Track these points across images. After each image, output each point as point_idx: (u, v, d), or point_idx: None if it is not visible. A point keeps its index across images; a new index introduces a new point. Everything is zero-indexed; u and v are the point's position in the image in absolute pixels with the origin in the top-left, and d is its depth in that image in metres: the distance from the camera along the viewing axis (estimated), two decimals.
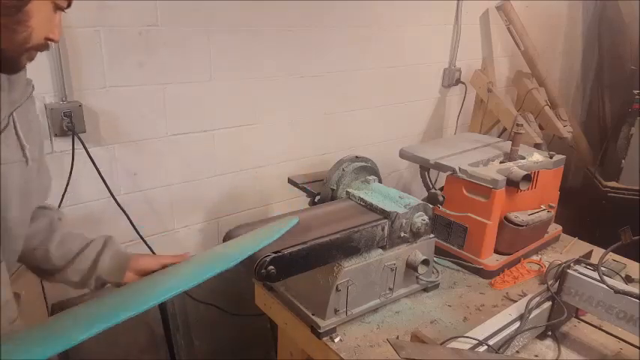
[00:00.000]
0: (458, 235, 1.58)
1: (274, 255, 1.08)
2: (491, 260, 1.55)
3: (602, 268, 1.14)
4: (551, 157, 1.68)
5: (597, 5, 3.33)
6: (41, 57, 1.38)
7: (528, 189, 1.55)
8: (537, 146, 2.19)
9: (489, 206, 1.49)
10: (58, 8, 0.82)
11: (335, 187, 1.46)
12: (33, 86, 0.94)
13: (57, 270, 1.04)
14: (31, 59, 0.85)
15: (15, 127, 0.88)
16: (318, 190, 1.53)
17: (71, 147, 1.49)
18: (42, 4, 0.78)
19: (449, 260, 1.60)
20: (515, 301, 1.31)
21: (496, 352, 1.09)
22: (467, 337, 1.09)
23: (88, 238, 1.08)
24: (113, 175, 1.63)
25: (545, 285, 1.26)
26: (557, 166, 1.70)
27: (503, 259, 1.56)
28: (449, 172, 1.57)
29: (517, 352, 1.18)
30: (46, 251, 1.03)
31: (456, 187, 1.56)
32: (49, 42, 0.84)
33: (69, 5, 0.85)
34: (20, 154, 0.89)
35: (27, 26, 0.77)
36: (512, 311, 1.21)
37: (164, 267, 1.06)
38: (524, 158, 1.65)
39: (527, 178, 1.50)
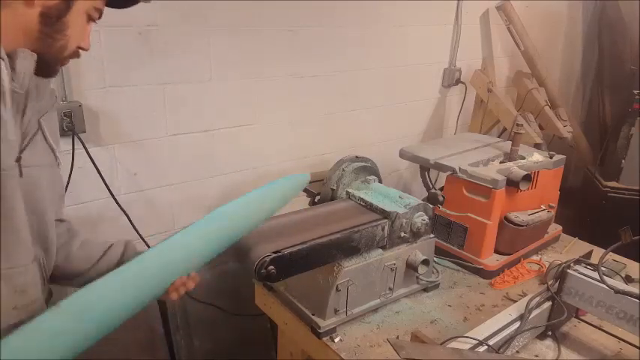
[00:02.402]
0: (458, 235, 1.58)
1: (274, 255, 1.08)
2: (492, 260, 1.55)
3: (602, 268, 1.14)
4: (551, 157, 1.68)
5: (597, 5, 3.33)
6: None
7: (528, 189, 1.55)
8: (537, 146, 2.19)
9: (489, 206, 1.49)
10: (90, 19, 0.88)
11: (335, 187, 1.46)
12: (56, 96, 0.98)
13: (78, 273, 1.05)
14: (63, 65, 0.90)
15: (43, 132, 0.91)
16: (318, 190, 1.53)
17: (71, 147, 1.49)
18: (78, 16, 0.84)
19: (449, 260, 1.60)
20: (516, 301, 1.31)
21: (496, 352, 1.09)
22: (467, 337, 1.09)
23: (108, 242, 1.11)
24: (113, 175, 1.62)
25: (545, 285, 1.26)
26: (557, 166, 1.70)
27: (503, 259, 1.56)
28: (449, 172, 1.57)
29: (517, 352, 1.18)
30: (67, 254, 1.04)
31: (456, 187, 1.56)
32: (81, 50, 0.89)
33: (100, 17, 0.90)
34: (52, 156, 0.93)
35: (65, 35, 0.83)
36: (513, 311, 1.21)
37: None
38: (524, 158, 1.65)
39: (527, 178, 1.50)
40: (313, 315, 1.26)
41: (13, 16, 0.77)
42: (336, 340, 1.23)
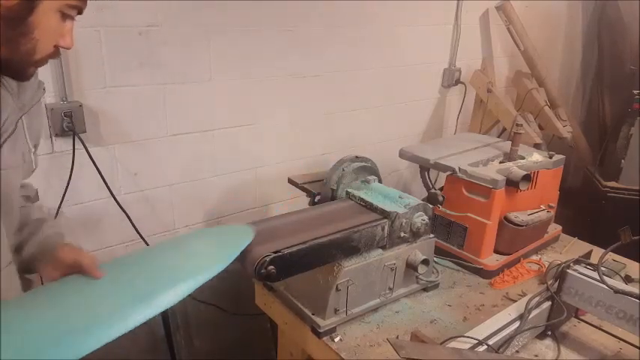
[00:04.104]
0: (458, 235, 1.58)
1: (274, 255, 1.08)
2: (491, 260, 1.56)
3: (602, 268, 1.14)
4: (550, 157, 1.68)
5: (597, 5, 3.33)
6: None
7: (528, 189, 1.55)
8: (537, 146, 2.19)
9: (489, 206, 1.49)
10: (67, 17, 0.81)
11: (335, 187, 1.46)
12: (44, 89, 0.92)
13: None
14: (40, 66, 0.84)
15: (24, 131, 0.87)
16: (318, 190, 1.53)
17: (72, 147, 1.49)
18: (47, 15, 0.76)
19: (449, 260, 1.60)
20: (515, 301, 1.31)
21: (496, 352, 1.09)
22: (467, 336, 1.09)
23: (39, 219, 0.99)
24: (113, 175, 1.63)
25: (545, 285, 1.26)
26: (557, 166, 1.70)
27: (503, 259, 1.56)
28: (449, 172, 1.57)
29: (517, 351, 1.18)
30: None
31: (455, 187, 1.56)
32: (60, 49, 0.83)
33: (79, 12, 0.84)
34: (21, 157, 0.88)
35: (31, 38, 0.76)
36: (512, 311, 1.21)
37: (77, 266, 0.89)
38: (523, 158, 1.65)
39: (527, 178, 1.50)
40: (313, 315, 1.26)
41: None
42: (336, 339, 1.23)
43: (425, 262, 1.35)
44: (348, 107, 2.21)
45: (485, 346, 1.08)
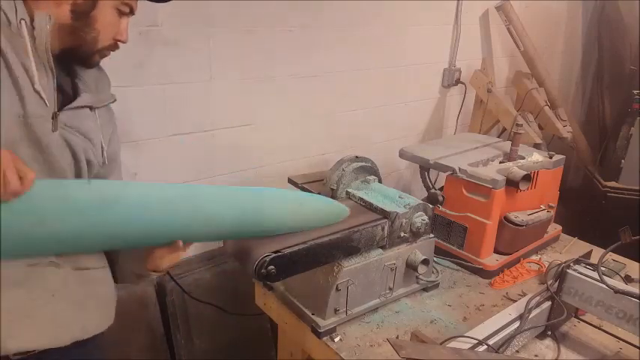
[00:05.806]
0: (458, 235, 1.58)
1: (274, 255, 1.08)
2: (491, 260, 1.56)
3: (602, 268, 1.14)
4: (550, 157, 1.69)
5: (597, 5, 3.33)
6: None
7: (528, 189, 1.55)
8: (537, 146, 2.20)
9: (489, 206, 1.49)
10: (122, 14, 0.99)
11: (335, 187, 1.46)
12: (115, 99, 1.11)
13: None
14: (103, 57, 1.02)
15: (97, 123, 1.02)
16: (318, 190, 1.53)
17: None
18: (106, 11, 0.95)
19: (449, 260, 1.60)
20: (515, 301, 1.31)
21: (496, 352, 1.09)
22: (467, 336, 1.09)
23: None
24: None
25: (545, 285, 1.26)
26: (557, 166, 1.70)
27: (502, 259, 1.56)
28: (449, 172, 1.57)
29: (517, 351, 1.18)
30: None
31: (455, 187, 1.56)
32: (118, 42, 1.00)
33: (132, 12, 1.01)
34: (100, 152, 1.03)
35: (94, 28, 0.94)
36: (512, 311, 1.21)
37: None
38: (523, 158, 1.65)
39: (527, 178, 1.50)
40: (313, 315, 1.26)
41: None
42: (336, 339, 1.23)
43: (425, 262, 1.35)
44: (348, 107, 2.21)
45: (485, 346, 1.08)
